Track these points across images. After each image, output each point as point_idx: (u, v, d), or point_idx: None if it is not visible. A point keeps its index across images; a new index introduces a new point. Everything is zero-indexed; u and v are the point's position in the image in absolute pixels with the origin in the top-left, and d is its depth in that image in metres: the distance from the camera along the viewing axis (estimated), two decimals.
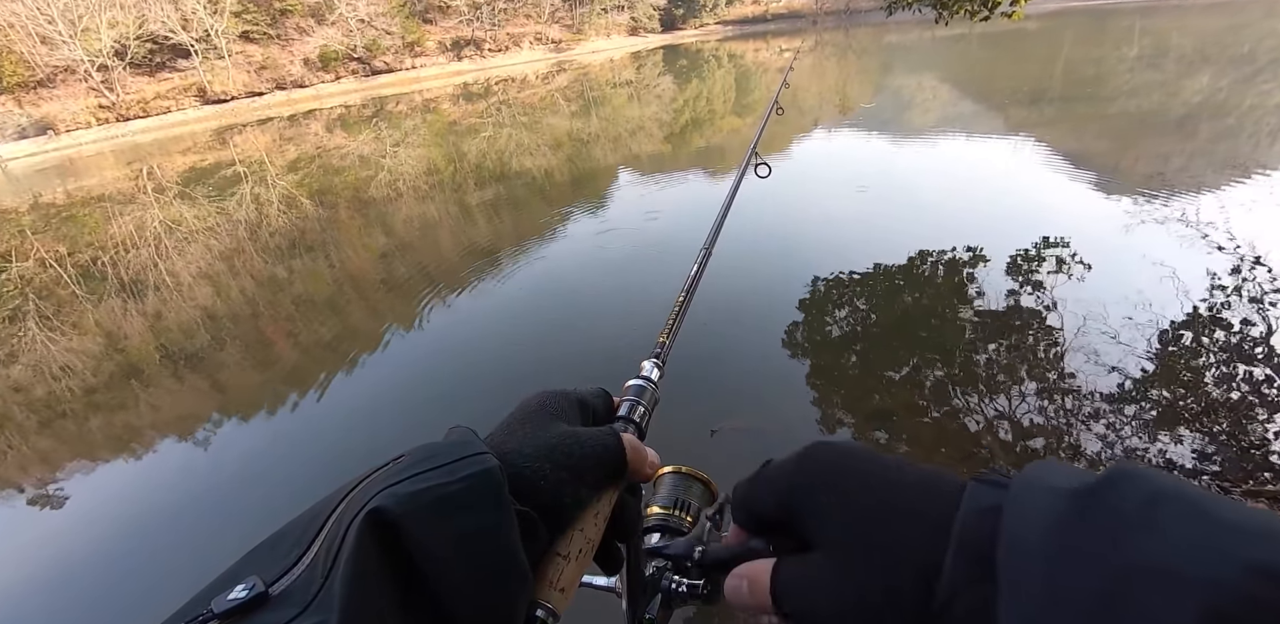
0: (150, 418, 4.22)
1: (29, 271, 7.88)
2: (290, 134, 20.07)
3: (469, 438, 0.34)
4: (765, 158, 1.44)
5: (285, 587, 0.26)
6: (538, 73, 32.09)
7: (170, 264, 7.32)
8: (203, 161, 16.32)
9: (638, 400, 0.46)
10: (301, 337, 5.01)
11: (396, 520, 0.28)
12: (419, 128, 17.50)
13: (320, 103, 30.64)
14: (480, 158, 11.62)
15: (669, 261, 4.93)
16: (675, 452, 2.43)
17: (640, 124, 13.81)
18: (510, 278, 5.31)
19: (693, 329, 3.97)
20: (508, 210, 7.83)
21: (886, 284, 4.45)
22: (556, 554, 0.35)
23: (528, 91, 24.08)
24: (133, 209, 11.03)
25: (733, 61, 28.69)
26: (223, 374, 4.61)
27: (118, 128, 32.01)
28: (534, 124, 15.36)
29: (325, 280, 6.24)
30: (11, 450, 4.15)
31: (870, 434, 2.87)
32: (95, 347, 5.47)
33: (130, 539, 2.95)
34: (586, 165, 10.18)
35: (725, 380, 3.37)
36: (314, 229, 7.98)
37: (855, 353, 3.67)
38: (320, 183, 11.15)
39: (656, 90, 20.50)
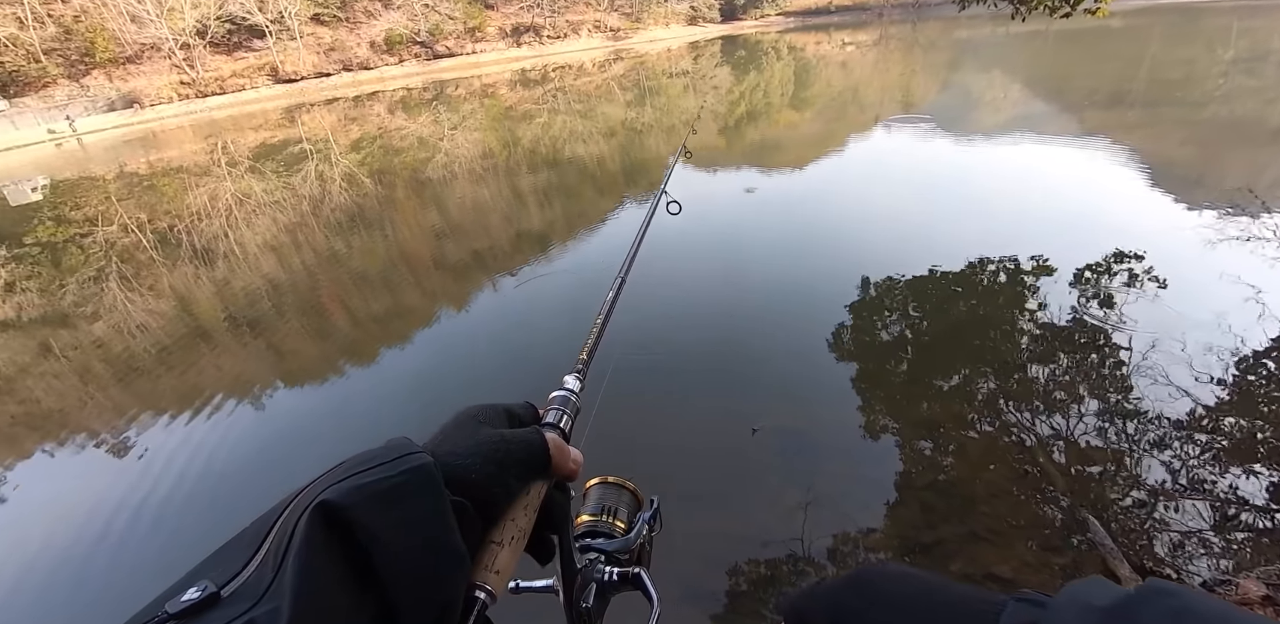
0: (213, 377, 4.47)
1: (113, 235, 8.43)
2: (354, 114, 20.73)
3: (405, 442, 0.37)
4: (823, 149, 1.42)
5: (237, 587, 0.28)
6: (594, 60, 32.11)
7: (239, 234, 7.71)
8: (272, 138, 17.04)
9: (561, 409, 0.50)
10: (356, 309, 5.20)
11: (343, 511, 0.30)
12: (476, 112, 17.80)
13: (383, 85, 31.49)
14: (534, 143, 11.74)
15: (701, 259, 4.90)
16: (714, 448, 2.43)
17: (695, 115, 13.66)
18: (555, 265, 5.37)
19: (734, 327, 3.95)
20: (559, 197, 7.91)
21: (942, 290, 4.31)
22: (491, 541, 0.39)
23: (584, 79, 24.14)
24: (207, 181, 11.63)
25: (792, 54, 28.00)
26: (281, 340, 4.84)
27: (196, 103, 33.72)
28: (588, 112, 15.40)
29: (380, 256, 6.46)
30: (91, 400, 4.48)
31: (915, 444, 2.80)
32: (169, 308, 5.83)
33: (182, 490, 3.15)
34: (638, 155, 10.17)
35: (768, 380, 3.34)
36: (372, 207, 8.26)
37: (904, 359, 3.58)
38: (380, 162, 11.50)
39: (713, 81, 20.23)
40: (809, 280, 4.56)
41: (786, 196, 6.66)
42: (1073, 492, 2.42)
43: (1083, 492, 2.42)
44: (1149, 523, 2.28)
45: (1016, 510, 2.36)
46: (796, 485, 2.55)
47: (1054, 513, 2.35)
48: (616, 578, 0.49)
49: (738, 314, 4.11)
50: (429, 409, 3.46)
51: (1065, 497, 2.39)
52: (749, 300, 4.30)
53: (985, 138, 9.03)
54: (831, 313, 4.01)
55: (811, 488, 2.54)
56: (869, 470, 2.65)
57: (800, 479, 2.59)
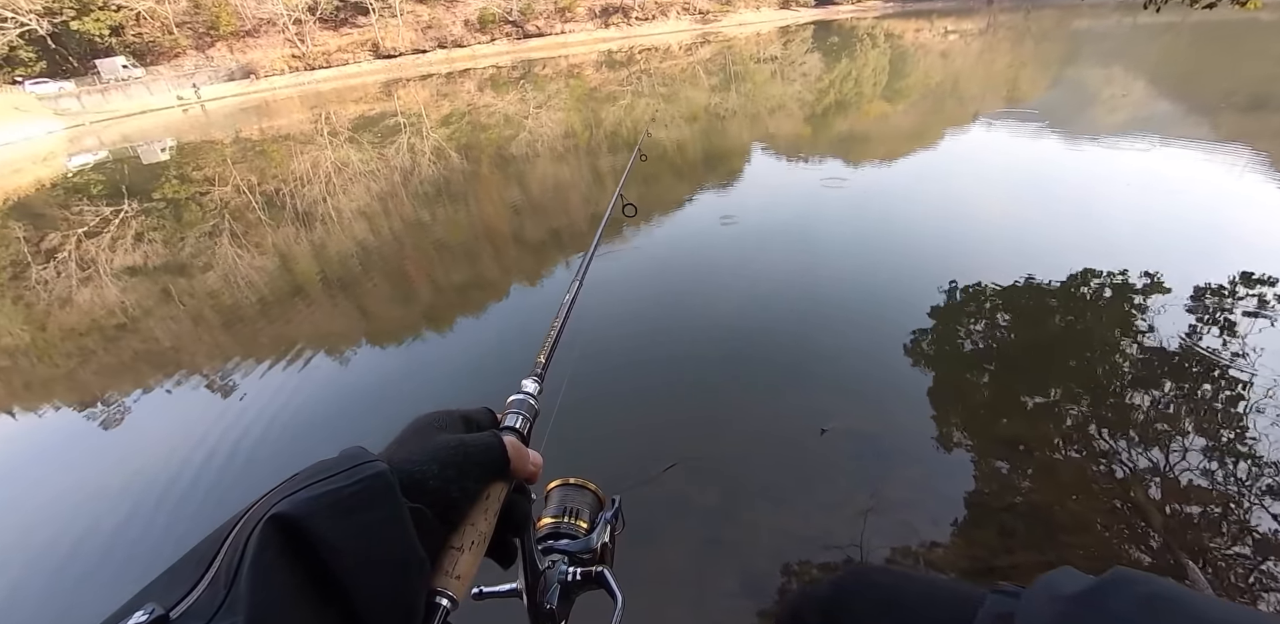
0: (306, 330, 4.82)
1: (226, 195, 9.18)
2: (446, 90, 21.46)
3: (359, 451, 0.37)
4: (914, 143, 1.34)
5: (187, 608, 0.27)
6: (681, 43, 31.67)
7: (335, 200, 8.21)
8: (370, 111, 17.93)
9: (519, 412, 0.50)
10: (437, 278, 5.45)
11: (298, 522, 0.30)
12: (561, 92, 18.01)
13: (475, 62, 32.34)
14: (615, 125, 11.78)
15: (776, 251, 4.79)
16: (782, 444, 2.40)
17: (781, 102, 13.29)
18: (634, 248, 5.41)
19: (806, 321, 3.86)
20: (636, 180, 7.92)
21: (1036, 301, 4.04)
22: (451, 547, 0.38)
23: (669, 62, 23.88)
24: (310, 149, 12.41)
25: (889, 42, 26.55)
26: (367, 302, 5.14)
27: (305, 75, 35.85)
28: (672, 95, 15.26)
29: (462, 229, 6.71)
30: (202, 343, 4.94)
31: (993, 462, 2.66)
32: (271, 265, 6.31)
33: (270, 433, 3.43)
34: (720, 142, 10.00)
35: (839, 379, 3.26)
36: (458, 181, 8.57)
37: (987, 372, 3.39)
38: (468, 138, 11.89)
39: (802, 68, 19.53)
40: (889, 280, 4.38)
41: (871, 191, 6.39)
42: (1169, 532, 2.23)
43: (1180, 533, 2.23)
44: (1256, 577, 2.08)
45: (1104, 545, 2.20)
46: (862, 491, 2.49)
47: (1146, 552, 2.18)
48: (580, 578, 0.50)
49: (810, 309, 4.01)
50: (505, 378, 3.60)
51: (1160, 536, 2.22)
52: (823, 295, 4.18)
53: (1099, 139, 8.29)
54: (910, 316, 3.84)
55: (878, 495, 2.47)
56: (941, 484, 2.55)
57: (867, 485, 2.53)
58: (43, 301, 6.59)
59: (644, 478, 2.62)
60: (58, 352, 5.34)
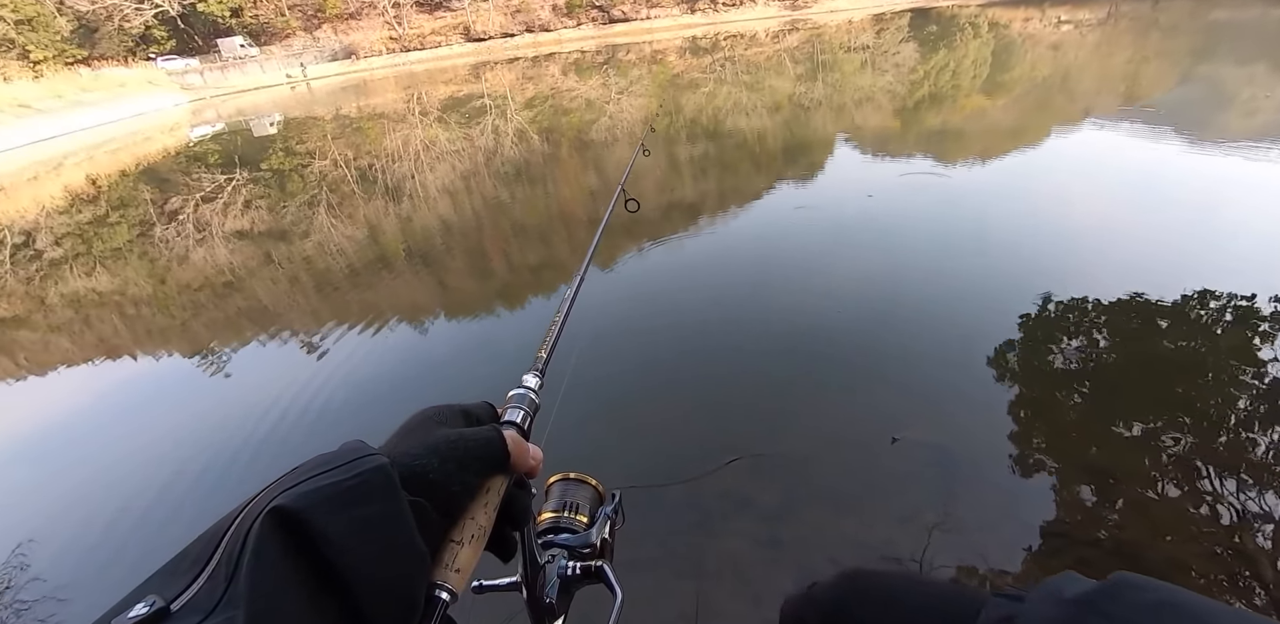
0: (390, 299, 5.09)
1: (325, 168, 9.79)
2: (531, 74, 21.87)
3: (360, 445, 0.37)
4: (1014, 142, 1.25)
5: (187, 601, 0.27)
6: (768, 31, 30.78)
7: (422, 177, 8.58)
8: (459, 92, 18.55)
9: (519, 406, 0.50)
10: (514, 257, 5.62)
11: (298, 515, 0.30)
12: (643, 78, 17.96)
13: (560, 46, 32.73)
14: (696, 113, 11.65)
15: (851, 254, 4.60)
16: (850, 448, 2.33)
17: (869, 94, 12.71)
18: (707, 238, 5.37)
19: (881, 321, 3.72)
20: (715, 170, 7.83)
21: (1144, 321, 3.71)
22: (451, 541, 0.38)
23: (754, 49, 23.29)
24: (402, 127, 13.01)
25: (993, 31, 24.74)
26: (447, 276, 5.37)
27: (400, 56, 37.45)
28: (755, 84, 14.90)
29: (540, 210, 6.87)
30: (296, 306, 5.32)
31: (1077, 490, 2.49)
32: (361, 235, 6.69)
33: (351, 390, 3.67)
34: (802, 133, 9.71)
35: (915, 386, 3.12)
36: (538, 163, 8.76)
37: (1079, 393, 3.16)
38: (549, 121, 12.10)
39: (895, 58, 18.56)
40: (976, 285, 4.14)
41: (963, 190, 6.04)
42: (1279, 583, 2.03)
43: None
44: None
45: (1199, 592, 2.03)
46: (931, 505, 2.40)
47: (1249, 606, 1.99)
48: (580, 572, 0.50)
49: (888, 310, 3.85)
50: (578, 357, 3.68)
51: (1268, 590, 2.02)
52: (903, 296, 4.01)
53: (1232, 145, 7.45)
54: (997, 326, 3.62)
55: (947, 511, 2.37)
56: (1017, 507, 2.41)
57: (936, 499, 2.42)
58: (164, 258, 7.29)
59: (705, 470, 2.62)
60: (174, 304, 5.91)
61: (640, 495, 2.53)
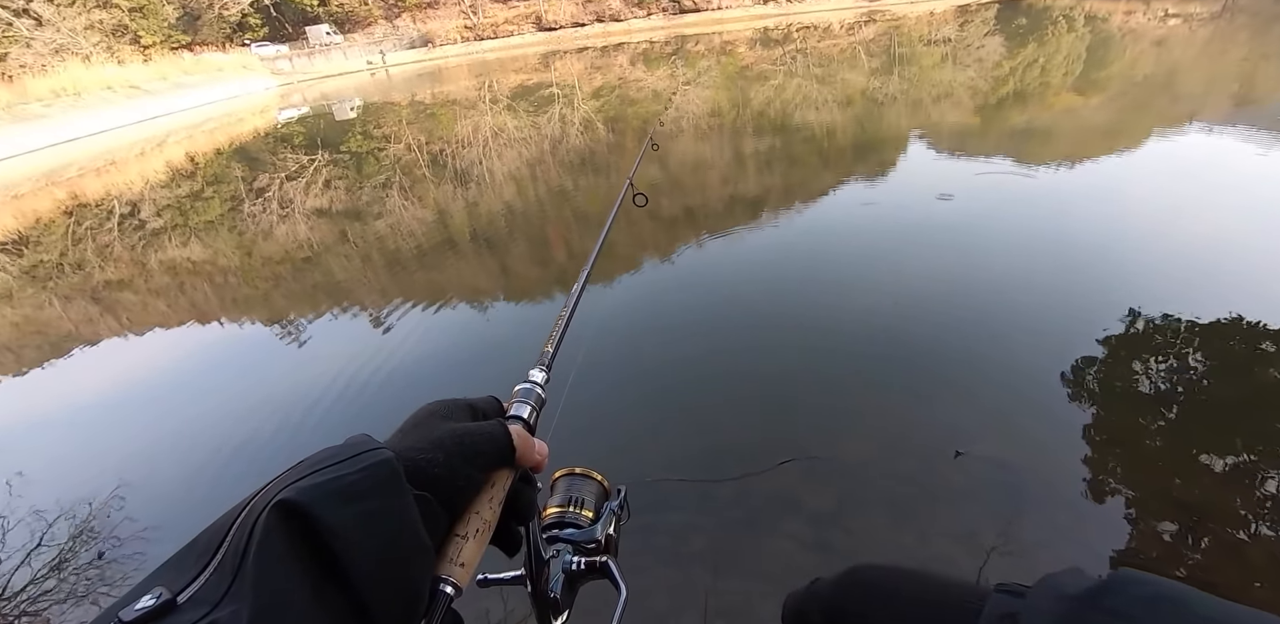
0: (454, 281, 5.27)
1: (399, 152, 10.19)
2: (599, 63, 21.98)
3: (365, 439, 0.36)
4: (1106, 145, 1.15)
5: (194, 593, 0.27)
6: (843, 22, 29.73)
7: (490, 163, 8.80)
8: (528, 81, 18.86)
9: (525, 401, 0.49)
10: (574, 245, 5.70)
11: (303, 508, 0.30)
12: (711, 69, 17.74)
13: (629, 36, 32.70)
14: (764, 106, 11.43)
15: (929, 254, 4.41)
16: (911, 459, 2.24)
17: (949, 90, 12.12)
18: (769, 231, 5.29)
19: (950, 329, 3.56)
20: (780, 164, 7.68)
21: (1245, 345, 3.40)
22: (455, 535, 0.38)
23: (828, 41, 22.57)
24: (473, 114, 13.36)
25: (1089, 25, 23.00)
26: (509, 260, 5.51)
27: (474, 45, 38.37)
28: (827, 77, 14.47)
29: (601, 199, 6.93)
30: (366, 283, 5.59)
31: (1155, 524, 2.32)
32: (430, 218, 6.94)
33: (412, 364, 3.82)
34: (874, 129, 9.37)
35: (983, 399, 2.97)
36: (602, 152, 8.83)
37: (1165, 419, 2.94)
38: (615, 111, 12.15)
39: (978, 52, 17.59)
40: (1055, 296, 3.90)
41: (1046, 193, 5.69)
42: None
43: None
44: None
45: None
46: (991, 524, 2.29)
47: None
48: (584, 567, 0.50)
49: (957, 315, 3.69)
50: (629, 344, 3.72)
51: None
52: (974, 302, 3.83)
53: None
54: (1076, 341, 3.40)
55: (1008, 533, 2.26)
56: (1085, 535, 2.27)
57: (998, 519, 2.31)
58: (250, 232, 7.79)
59: (756, 469, 2.59)
60: (258, 275, 6.31)
61: (688, 489, 2.53)
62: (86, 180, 13.47)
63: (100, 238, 8.48)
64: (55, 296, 6.53)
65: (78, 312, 6.07)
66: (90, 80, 24.50)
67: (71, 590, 2.57)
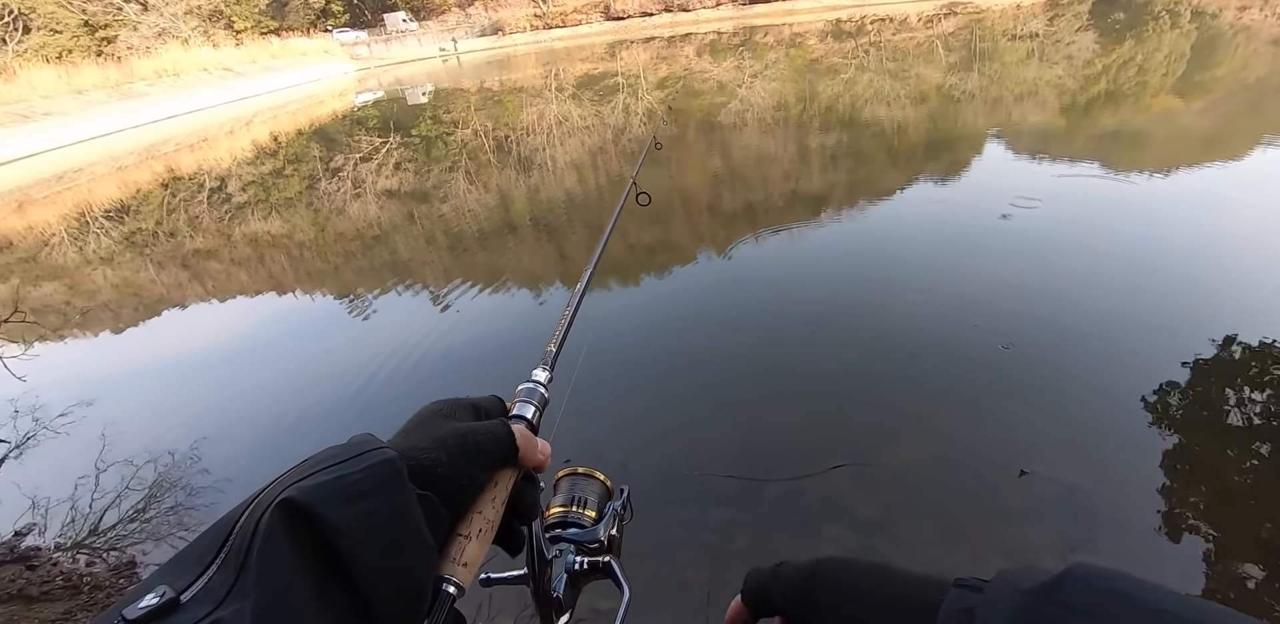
0: (511, 264, 5.39)
1: (466, 137, 10.46)
2: (665, 54, 21.84)
3: (368, 438, 0.37)
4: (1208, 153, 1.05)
5: (197, 592, 0.28)
6: (921, 14, 28.42)
7: (553, 151, 8.92)
8: (594, 70, 18.96)
9: (528, 401, 0.49)
10: (630, 235, 5.72)
11: (306, 507, 0.30)
12: (779, 61, 17.35)
13: (697, 27, 32.33)
14: (832, 100, 11.10)
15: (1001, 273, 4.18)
16: (970, 474, 2.13)
17: (1033, 88, 11.44)
18: (831, 228, 5.16)
19: (1023, 338, 3.38)
20: (846, 161, 7.46)
21: None
22: (458, 534, 0.38)
23: (904, 35, 21.65)
24: (538, 102, 13.55)
25: (1196, 21, 21.11)
26: (565, 247, 5.58)
27: (542, 34, 38.80)
28: (901, 72, 13.90)
29: (661, 190, 6.92)
30: (430, 263, 5.78)
31: (1238, 567, 2.14)
32: (492, 202, 7.11)
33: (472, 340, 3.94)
34: (947, 127, 8.96)
35: (1055, 417, 2.80)
36: (664, 143, 8.80)
37: (1257, 454, 2.71)
38: (680, 102, 12.07)
39: (1068, 48, 16.49)
40: (1139, 311, 3.64)
41: (1136, 203, 5.30)
42: None
43: None
44: None
45: None
46: (1053, 549, 2.17)
47: None
48: (587, 567, 0.49)
49: (1028, 324, 3.50)
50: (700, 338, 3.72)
51: None
52: (1048, 314, 3.62)
53: None
54: (1160, 364, 3.16)
55: (1072, 560, 2.15)
56: (1158, 570, 2.13)
57: (1061, 544, 2.19)
58: (325, 209, 8.19)
59: (807, 471, 2.55)
60: (330, 251, 6.63)
61: (734, 486, 2.52)
62: (181, 155, 14.45)
63: (191, 209, 9.10)
64: (150, 262, 7.06)
65: (169, 277, 6.55)
66: (188, 62, 26.19)
67: (153, 532, 2.80)
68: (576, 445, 2.74)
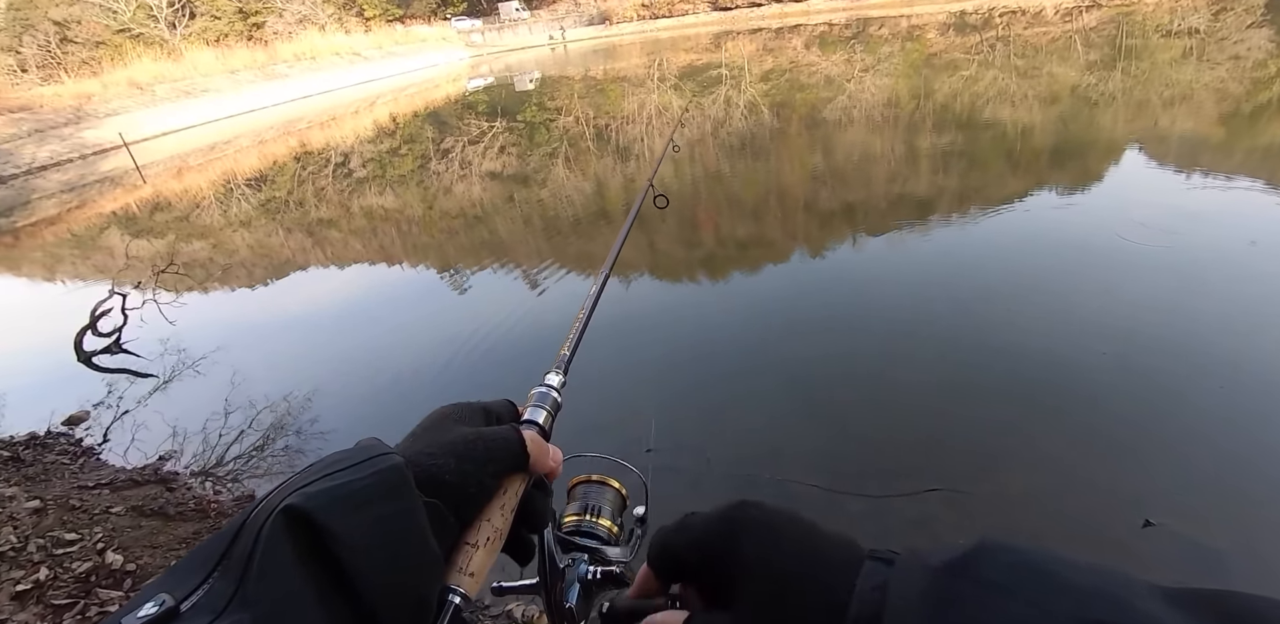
0: (602, 251, 5.49)
1: (568, 124, 10.73)
2: (772, 46, 21.30)
3: (374, 443, 0.36)
4: None
5: (197, 600, 0.27)
6: (1059, 6, 25.90)
7: (650, 141, 8.98)
8: (698, 61, 18.83)
9: (540, 405, 0.48)
10: (724, 230, 5.69)
11: (309, 515, 0.29)
12: (894, 55, 16.46)
13: (808, 18, 31.26)
14: (949, 98, 10.42)
15: None
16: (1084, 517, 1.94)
17: (1188, 91, 10.18)
18: (937, 235, 4.88)
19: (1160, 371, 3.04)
20: (958, 165, 7.00)
21: None
22: (465, 543, 0.37)
23: (1037, 29, 19.86)
24: (640, 91, 13.66)
25: None
26: (657, 239, 5.63)
27: (649, 24, 38.92)
28: (1030, 70, 12.80)
29: (758, 186, 6.81)
30: (525, 242, 6.02)
31: None
32: (589, 189, 7.28)
33: None
34: (1079, 131, 8.18)
35: (1191, 464, 2.49)
36: (764, 137, 8.63)
37: None
38: (783, 96, 11.77)
39: (1237, 46, 14.49)
40: None
41: None
42: None
43: None
44: None
45: None
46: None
47: None
48: (601, 577, 0.48)
49: (1169, 355, 3.14)
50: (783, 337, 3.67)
51: None
52: (1193, 343, 3.23)
53: None
54: None
55: None
56: None
57: None
58: (434, 187, 8.70)
59: (899, 490, 2.40)
60: (435, 227, 7.05)
61: (818, 497, 2.44)
62: (312, 132, 15.80)
63: (318, 182, 9.96)
64: (280, 227, 7.81)
65: (295, 242, 7.22)
66: (323, 46, 28.50)
67: (268, 469, 3.14)
68: (669, 443, 2.74)
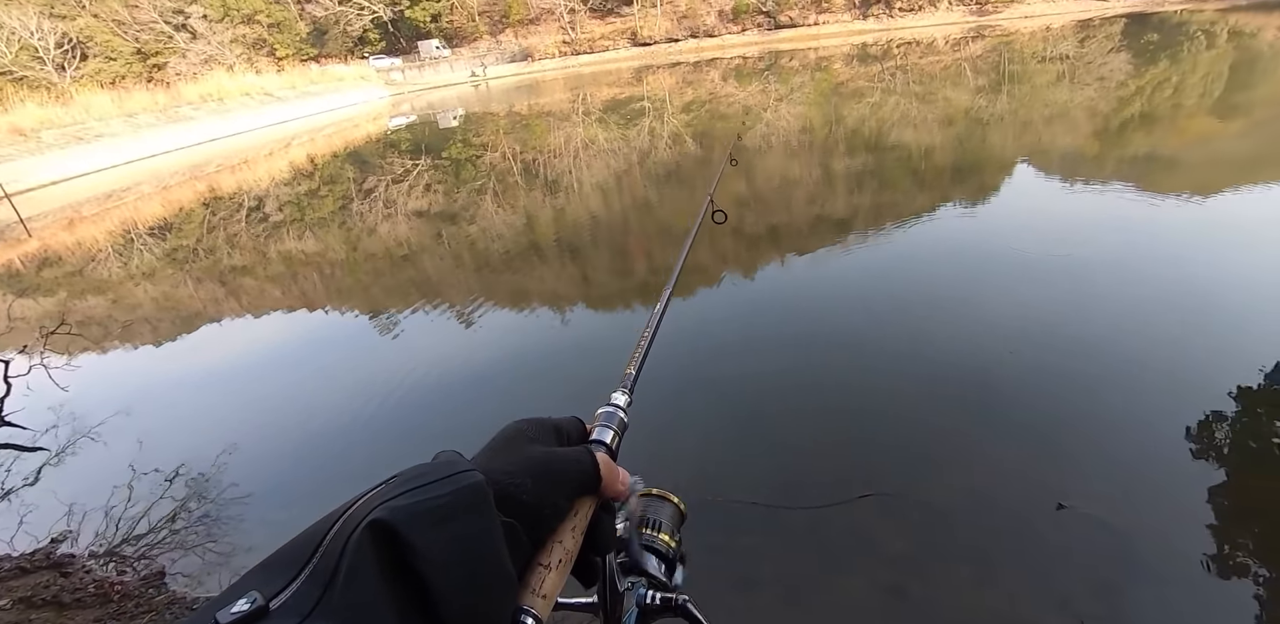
0: (536, 286, 5.45)
1: (494, 160, 10.71)
2: (691, 78, 22.23)
3: (455, 459, 0.37)
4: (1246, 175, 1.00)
5: (285, 600, 0.28)
6: (948, 38, 28.53)
7: (579, 173, 9.07)
8: (620, 94, 19.36)
9: (608, 425, 0.48)
10: (655, 258, 5.77)
11: (395, 529, 0.30)
12: (805, 85, 17.51)
13: (722, 52, 32.92)
14: (857, 123, 11.14)
15: None
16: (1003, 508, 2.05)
17: (1063, 109, 11.34)
18: (855, 253, 5.12)
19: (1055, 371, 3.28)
20: (870, 184, 7.44)
21: None
22: (538, 564, 0.37)
23: (930, 58, 21.72)
24: (565, 125, 13.85)
25: (1234, 42, 20.77)
26: (590, 270, 5.64)
27: (570, 59, 39.94)
28: (928, 95, 13.91)
29: (685, 214, 6.97)
30: (454, 282, 5.88)
31: None
32: (518, 223, 7.23)
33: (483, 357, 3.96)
34: (974, 148, 8.90)
35: (1094, 449, 2.68)
36: (688, 166, 8.89)
37: None
38: (704, 126, 12.22)
39: (1100, 70, 16.34)
40: (1179, 338, 3.52)
41: (1171, 228, 5.18)
42: None
43: None
44: None
45: None
46: (1090, 591, 2.07)
47: None
48: (660, 603, 0.48)
49: (1064, 352, 3.40)
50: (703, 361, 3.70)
51: None
52: (1084, 341, 3.51)
53: None
54: (1204, 394, 3.03)
55: (1110, 602, 2.04)
56: (1206, 614, 2.02)
57: (1098, 586, 2.08)
58: (357, 228, 8.41)
59: (833, 500, 2.48)
60: (360, 269, 6.79)
61: (759, 513, 2.47)
62: (222, 176, 15.06)
63: (229, 228, 9.44)
64: (189, 277, 7.31)
65: (206, 292, 6.77)
66: (232, 87, 27.46)
67: (181, 542, 2.84)
68: None
